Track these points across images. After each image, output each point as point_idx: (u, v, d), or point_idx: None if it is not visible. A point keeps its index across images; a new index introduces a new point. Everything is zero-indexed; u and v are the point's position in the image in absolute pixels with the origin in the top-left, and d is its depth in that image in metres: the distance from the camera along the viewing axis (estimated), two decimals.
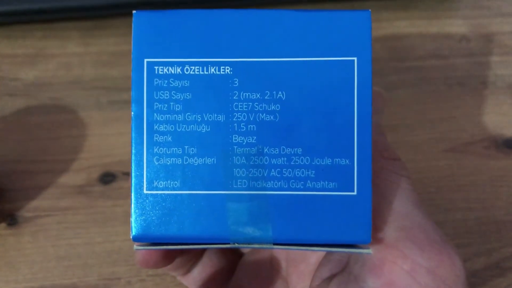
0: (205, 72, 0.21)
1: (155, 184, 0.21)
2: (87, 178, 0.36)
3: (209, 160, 0.21)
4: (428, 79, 0.39)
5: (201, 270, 0.29)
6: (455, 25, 0.41)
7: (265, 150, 0.21)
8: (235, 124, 0.21)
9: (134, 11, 0.21)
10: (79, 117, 0.38)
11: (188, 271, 0.29)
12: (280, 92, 0.21)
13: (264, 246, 0.21)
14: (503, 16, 0.41)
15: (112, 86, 0.39)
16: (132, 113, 0.21)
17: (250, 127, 0.21)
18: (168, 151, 0.21)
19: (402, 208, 0.23)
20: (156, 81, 0.21)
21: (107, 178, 0.36)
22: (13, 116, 0.38)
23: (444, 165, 0.36)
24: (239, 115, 0.21)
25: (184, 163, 0.21)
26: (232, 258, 0.31)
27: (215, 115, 0.21)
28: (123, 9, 0.40)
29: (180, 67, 0.21)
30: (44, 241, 0.34)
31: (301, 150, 0.21)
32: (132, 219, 0.21)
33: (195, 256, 0.29)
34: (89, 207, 0.35)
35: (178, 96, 0.21)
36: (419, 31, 0.40)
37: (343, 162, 0.21)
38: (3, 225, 0.35)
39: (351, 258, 0.24)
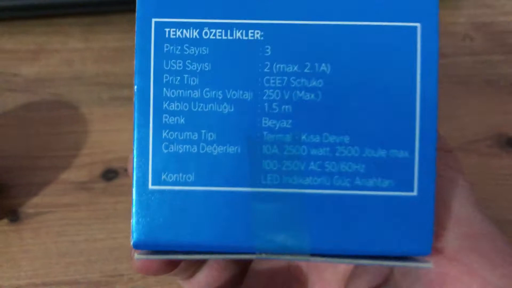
0: (229, 37, 0.16)
1: (163, 178, 0.16)
2: (89, 174, 0.34)
3: (231, 148, 0.16)
4: None
5: (207, 274, 0.24)
6: (459, 24, 0.40)
7: (303, 137, 0.16)
8: (266, 103, 0.16)
9: None
10: (80, 113, 0.36)
11: (192, 275, 0.24)
12: (323, 64, 0.16)
13: (299, 257, 0.17)
14: (507, 15, 0.40)
15: (114, 82, 0.37)
16: (136, 87, 0.16)
17: (285, 108, 0.16)
18: (181, 136, 0.16)
19: (462, 210, 0.18)
20: (167, 47, 0.16)
21: (110, 174, 0.35)
22: (14, 112, 0.36)
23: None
24: (271, 92, 0.16)
25: (200, 151, 0.16)
26: (243, 261, 0.25)
27: (241, 92, 0.16)
28: (125, 5, 0.38)
29: (198, 30, 0.16)
30: (46, 238, 0.33)
31: (348, 139, 0.16)
32: (133, 221, 0.16)
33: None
34: (91, 204, 0.34)
35: (194, 67, 0.16)
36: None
37: (401, 155, 0.16)
38: (5, 221, 0.33)
39: (396, 269, 0.20)
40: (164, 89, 0.17)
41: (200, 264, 0.24)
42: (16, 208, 0.34)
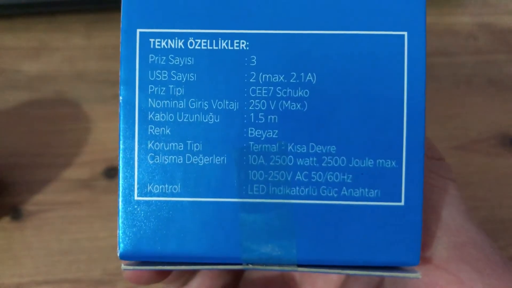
0: (214, 47, 0.16)
1: (149, 189, 0.16)
2: (91, 172, 0.34)
3: (217, 159, 0.16)
4: (435, 77, 0.37)
5: (200, 282, 0.24)
6: (462, 23, 0.39)
7: (289, 147, 0.16)
8: (252, 114, 0.16)
9: None
10: (82, 110, 0.36)
11: (185, 283, 0.24)
12: (309, 74, 0.16)
13: (286, 268, 0.16)
14: (510, 14, 0.39)
15: (116, 80, 0.36)
16: (121, 98, 0.17)
17: (271, 118, 0.16)
18: (166, 147, 0.16)
19: (452, 220, 0.18)
20: (152, 57, 0.16)
21: (111, 172, 0.34)
22: (16, 109, 0.36)
23: (451, 163, 0.35)
24: (257, 102, 0.16)
25: (186, 162, 0.16)
26: (236, 270, 0.25)
27: (227, 102, 0.16)
28: None
29: (183, 40, 0.16)
30: (48, 235, 0.33)
31: (335, 149, 0.16)
32: (120, 232, 0.17)
33: None
34: (93, 202, 0.34)
35: (179, 77, 0.16)
36: (426, 29, 0.39)
37: (388, 164, 0.16)
38: (7, 218, 0.33)
39: (386, 278, 0.20)
40: (150, 99, 0.16)
41: (193, 272, 0.24)
42: (18, 205, 0.34)
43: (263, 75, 0.16)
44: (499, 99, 0.37)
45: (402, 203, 0.16)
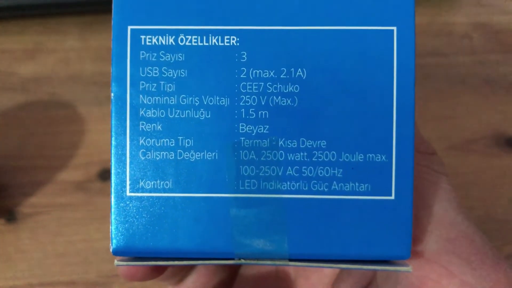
0: (205, 43, 0.16)
1: (141, 185, 0.17)
2: (86, 174, 0.34)
3: (209, 155, 0.16)
4: (430, 77, 0.37)
5: (196, 280, 0.24)
6: (458, 23, 0.39)
7: (280, 142, 0.16)
8: (243, 109, 0.16)
9: None
10: (78, 112, 0.36)
11: (181, 280, 0.24)
12: (299, 70, 0.16)
13: (278, 262, 0.17)
14: (506, 14, 0.39)
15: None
16: (112, 94, 0.16)
17: (261, 113, 0.16)
18: (158, 143, 0.16)
19: (443, 213, 0.18)
20: (143, 54, 0.16)
21: (106, 174, 0.34)
22: (11, 112, 0.36)
23: (446, 163, 0.35)
24: (248, 98, 0.16)
25: (178, 158, 0.16)
26: (232, 266, 0.25)
27: (217, 98, 0.16)
28: None
29: (173, 37, 0.16)
30: (43, 238, 0.33)
31: (325, 143, 0.16)
32: (112, 228, 0.17)
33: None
34: (88, 204, 0.34)
35: (170, 74, 0.16)
36: (421, 29, 0.37)
37: (378, 159, 0.16)
38: (2, 221, 0.33)
39: (379, 273, 0.20)
40: (141, 96, 0.17)
41: (188, 269, 0.24)
42: (13, 208, 0.34)
43: (254, 71, 0.16)
44: (494, 99, 0.37)
45: (393, 197, 0.16)
